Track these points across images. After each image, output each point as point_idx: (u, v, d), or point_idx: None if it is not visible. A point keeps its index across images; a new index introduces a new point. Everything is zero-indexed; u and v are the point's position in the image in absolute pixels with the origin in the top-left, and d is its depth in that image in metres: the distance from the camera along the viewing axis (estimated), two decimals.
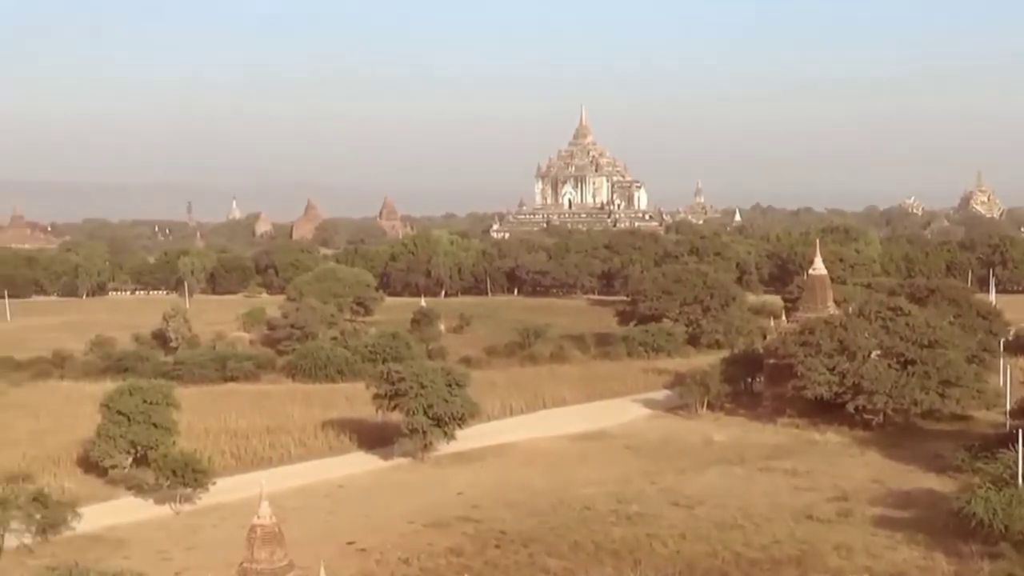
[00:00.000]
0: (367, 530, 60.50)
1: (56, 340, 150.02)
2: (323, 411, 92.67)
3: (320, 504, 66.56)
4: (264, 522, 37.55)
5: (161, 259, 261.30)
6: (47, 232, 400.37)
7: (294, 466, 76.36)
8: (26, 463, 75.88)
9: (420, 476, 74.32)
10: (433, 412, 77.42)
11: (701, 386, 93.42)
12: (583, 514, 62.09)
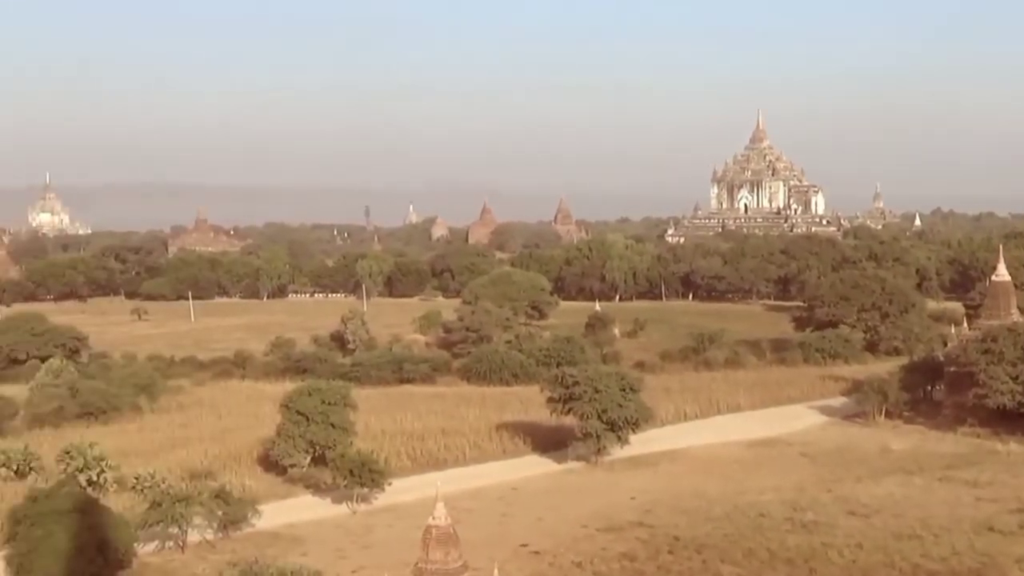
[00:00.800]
0: (540, 533, 60.62)
1: (238, 341, 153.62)
2: (497, 414, 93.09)
3: (494, 506, 66.88)
4: (439, 523, 37.82)
5: (340, 262, 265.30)
6: (230, 235, 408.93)
7: (468, 468, 76.82)
8: (209, 461, 77.63)
9: (593, 480, 74.24)
10: (607, 416, 77.27)
11: (879, 393, 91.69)
12: (757, 521, 61.36)
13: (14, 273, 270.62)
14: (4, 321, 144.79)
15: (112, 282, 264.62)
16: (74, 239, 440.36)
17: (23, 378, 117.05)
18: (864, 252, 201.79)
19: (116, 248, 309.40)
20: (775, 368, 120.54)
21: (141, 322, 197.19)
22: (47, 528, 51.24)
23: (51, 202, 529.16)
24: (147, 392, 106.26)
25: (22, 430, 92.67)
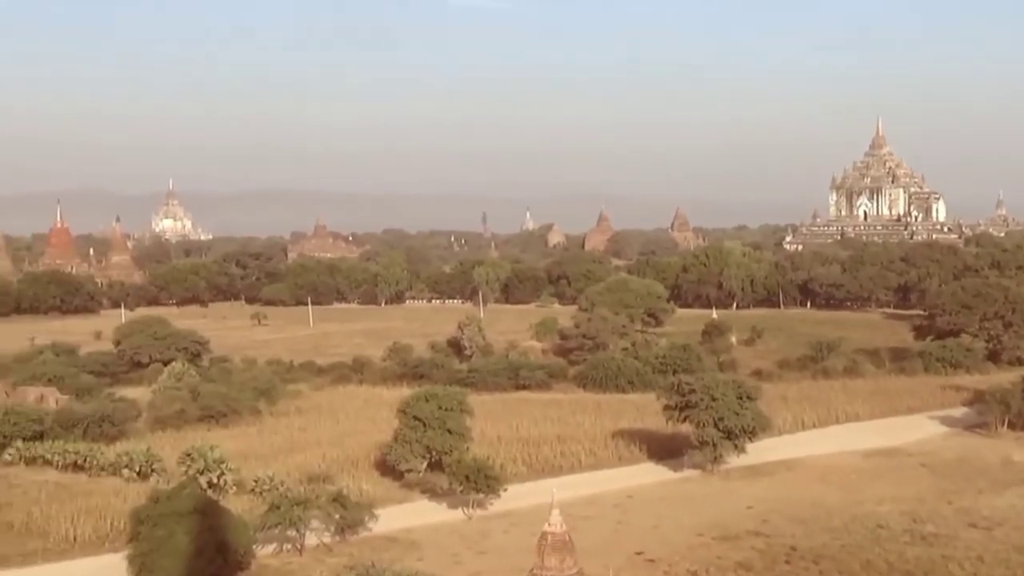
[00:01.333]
0: (656, 541, 60.34)
1: (356, 346, 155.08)
2: (613, 421, 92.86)
3: (609, 514, 66.69)
4: (555, 529, 37.83)
5: (457, 269, 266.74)
6: (348, 241, 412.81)
7: (584, 475, 76.68)
8: (326, 464, 78.34)
9: (710, 489, 73.76)
10: (724, 425, 76.74)
11: (1001, 404, 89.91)
12: (876, 532, 60.51)
13: (138, 278, 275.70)
14: (128, 325, 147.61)
15: (233, 287, 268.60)
16: (196, 245, 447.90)
17: (146, 381, 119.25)
18: (986, 260, 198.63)
19: (237, 254, 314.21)
20: (894, 377, 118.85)
21: (261, 327, 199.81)
22: (168, 528, 52.06)
23: (174, 208, 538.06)
24: (266, 396, 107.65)
25: (145, 432, 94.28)
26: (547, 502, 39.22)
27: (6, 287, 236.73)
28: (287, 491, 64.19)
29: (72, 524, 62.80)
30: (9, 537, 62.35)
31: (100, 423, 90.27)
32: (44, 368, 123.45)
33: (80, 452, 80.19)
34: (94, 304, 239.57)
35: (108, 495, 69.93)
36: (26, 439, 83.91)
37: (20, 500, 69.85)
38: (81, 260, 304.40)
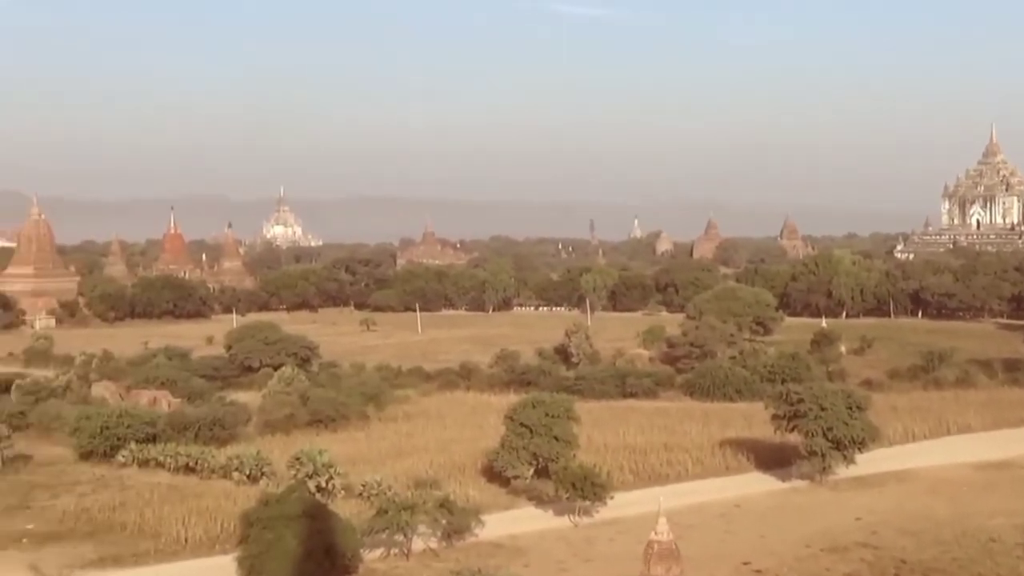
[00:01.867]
0: (762, 552, 59.89)
1: (463, 353, 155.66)
2: (720, 430, 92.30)
3: (715, 523, 66.31)
4: (661, 538, 37.77)
5: (564, 276, 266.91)
6: (456, 248, 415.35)
7: (690, 483, 76.28)
8: (433, 470, 78.64)
9: (818, 499, 73.04)
10: (832, 435, 75.94)
11: None
12: (988, 546, 59.49)
13: (249, 283, 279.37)
14: (239, 330, 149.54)
15: (342, 293, 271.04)
16: (306, 251, 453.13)
17: (256, 385, 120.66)
18: None
19: (346, 260, 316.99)
20: (1008, 388, 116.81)
21: (369, 333, 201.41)
22: (277, 531, 52.65)
23: (285, 215, 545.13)
24: (375, 401, 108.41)
25: (254, 436, 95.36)
26: (653, 510, 39.17)
27: (121, 291, 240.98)
28: (394, 496, 64.58)
29: (183, 525, 63.74)
30: (122, 537, 63.47)
31: (211, 426, 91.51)
32: (157, 371, 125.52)
33: (192, 455, 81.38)
34: (206, 309, 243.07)
35: (219, 497, 70.90)
36: (139, 441, 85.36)
37: (133, 501, 71.07)
38: (194, 265, 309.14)
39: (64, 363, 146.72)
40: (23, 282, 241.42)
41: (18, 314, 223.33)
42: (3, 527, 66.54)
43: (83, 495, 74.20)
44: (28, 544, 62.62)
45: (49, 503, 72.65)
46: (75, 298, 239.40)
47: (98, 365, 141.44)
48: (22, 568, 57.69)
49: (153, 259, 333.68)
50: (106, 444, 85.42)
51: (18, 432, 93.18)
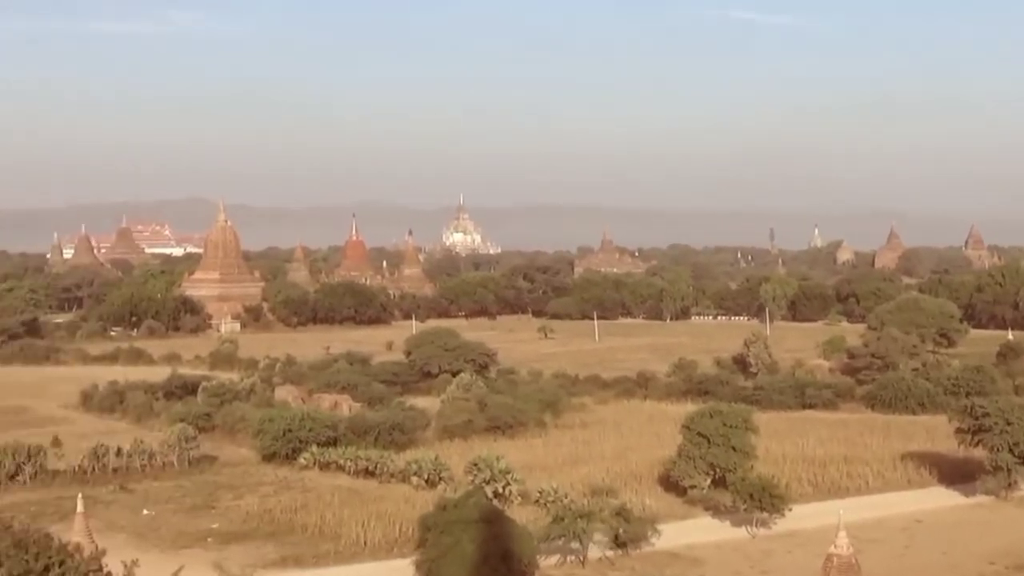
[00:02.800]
0: (945, 568, 58.64)
1: (640, 361, 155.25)
2: (902, 443, 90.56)
3: (896, 538, 65.09)
4: (841, 552, 37.28)
5: (743, 285, 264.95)
6: (634, 257, 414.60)
7: (871, 497, 74.99)
8: (610, 478, 78.58)
9: (1003, 516, 71.20)
10: (1019, 450, 74.00)
11: None
12: None
13: (428, 290, 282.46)
14: (419, 336, 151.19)
15: (520, 300, 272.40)
16: (485, 258, 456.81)
17: (435, 391, 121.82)
18: None
19: (524, 267, 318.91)
20: None
21: (547, 340, 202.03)
22: (455, 536, 53.12)
23: (464, 222, 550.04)
24: (552, 408, 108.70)
25: (433, 441, 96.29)
26: (832, 523, 38.66)
27: (304, 297, 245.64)
28: (571, 503, 64.72)
29: (363, 528, 64.71)
30: (303, 538, 64.69)
31: (391, 431, 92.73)
32: (338, 376, 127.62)
33: (371, 459, 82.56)
34: (386, 315, 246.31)
35: (398, 501, 71.83)
36: (320, 444, 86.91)
37: (314, 503, 72.37)
38: (375, 272, 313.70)
39: (248, 366, 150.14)
40: (209, 287, 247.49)
41: (205, 318, 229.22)
42: (189, 526, 68.35)
43: (266, 496, 75.85)
44: (213, 543, 64.22)
45: (233, 503, 74.41)
46: (259, 303, 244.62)
47: (281, 369, 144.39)
48: (207, 566, 59.16)
49: (335, 265, 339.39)
50: (288, 446, 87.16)
51: (204, 433, 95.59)
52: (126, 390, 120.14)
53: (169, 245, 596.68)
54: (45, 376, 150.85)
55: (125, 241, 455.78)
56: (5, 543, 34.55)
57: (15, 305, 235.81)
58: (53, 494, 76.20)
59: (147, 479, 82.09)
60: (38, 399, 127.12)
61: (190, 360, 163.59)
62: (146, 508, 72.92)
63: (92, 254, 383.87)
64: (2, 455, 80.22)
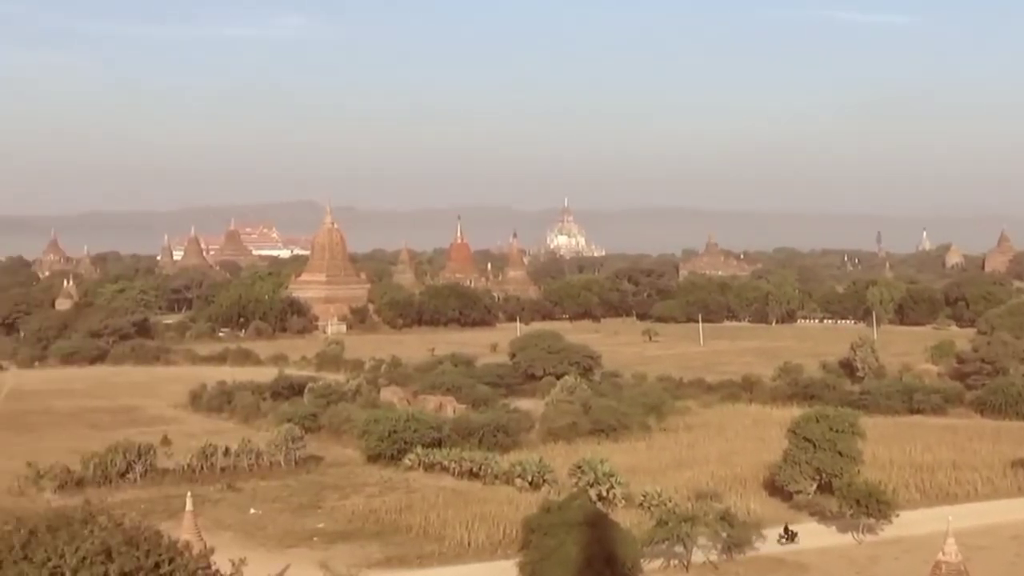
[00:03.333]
0: None
1: (745, 365, 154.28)
2: (1012, 449, 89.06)
3: (1007, 546, 64.13)
4: (950, 559, 36.83)
5: (849, 289, 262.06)
6: (739, 260, 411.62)
7: (980, 504, 73.90)
8: (714, 482, 78.29)
9: None
10: None
11: None
12: None
13: (533, 293, 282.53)
14: (523, 338, 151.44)
15: (624, 303, 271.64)
16: (589, 261, 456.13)
17: (539, 393, 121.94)
18: None
19: (629, 270, 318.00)
20: None
21: (651, 343, 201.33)
22: (559, 538, 53.21)
23: (569, 225, 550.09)
24: (656, 412, 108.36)
25: (537, 443, 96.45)
26: (940, 530, 38.25)
27: (409, 299, 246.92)
28: (675, 507, 64.60)
29: (467, 529, 65.06)
30: (408, 539, 65.15)
31: (495, 433, 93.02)
32: (443, 378, 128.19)
33: (475, 460, 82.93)
34: (491, 317, 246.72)
35: (501, 503, 72.09)
36: (425, 445, 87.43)
37: (419, 504, 72.86)
38: (479, 274, 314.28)
39: (354, 368, 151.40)
40: (316, 289, 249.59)
41: (311, 319, 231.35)
42: (295, 525, 69.13)
43: (371, 496, 76.49)
44: (318, 542, 64.90)
45: (338, 503, 75.12)
46: (365, 305, 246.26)
47: (387, 370, 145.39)
48: (313, 565, 59.81)
49: (440, 268, 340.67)
50: (393, 447, 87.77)
51: (310, 433, 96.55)
52: (234, 390, 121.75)
53: (276, 247, 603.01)
54: (155, 376, 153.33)
55: (233, 243, 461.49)
56: (117, 540, 35.13)
57: (126, 306, 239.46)
58: (163, 492, 77.52)
59: (254, 478, 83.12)
60: (148, 399, 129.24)
61: (297, 361, 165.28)
62: (253, 507, 73.85)
63: (201, 256, 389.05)
64: (113, 454, 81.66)
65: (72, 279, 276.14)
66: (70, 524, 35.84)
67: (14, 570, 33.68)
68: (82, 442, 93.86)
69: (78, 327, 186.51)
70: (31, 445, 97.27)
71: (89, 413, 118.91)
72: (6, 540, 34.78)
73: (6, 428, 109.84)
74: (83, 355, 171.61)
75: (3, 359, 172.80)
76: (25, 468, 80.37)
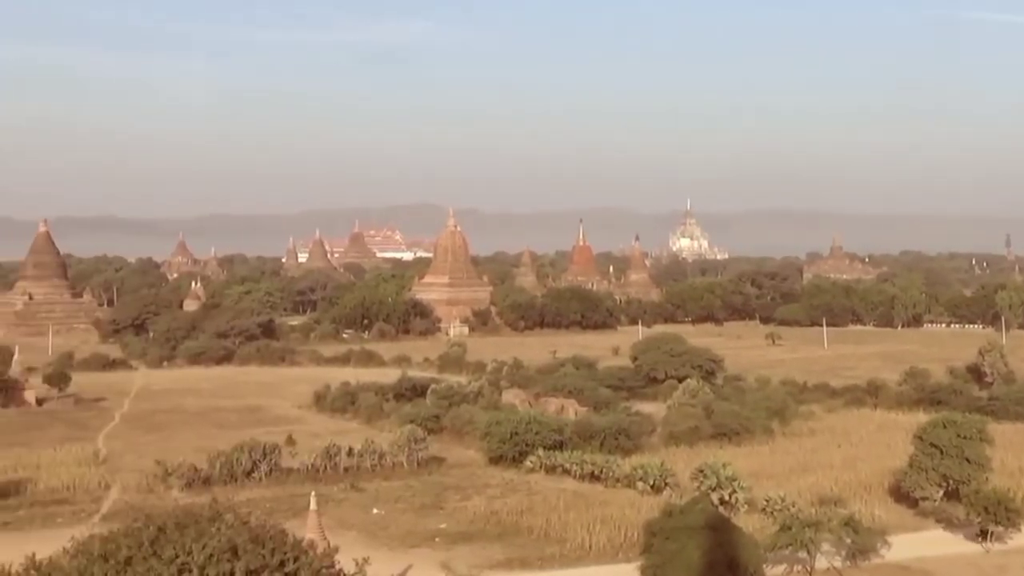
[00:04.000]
0: None
1: (870, 369, 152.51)
2: None
3: None
4: None
5: (978, 292, 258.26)
6: (864, 263, 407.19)
7: None
8: (838, 488, 77.43)
9: None
10: None
11: None
12: None
13: (655, 295, 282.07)
14: (645, 341, 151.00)
15: (747, 306, 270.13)
16: (712, 264, 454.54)
17: (661, 396, 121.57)
18: None
19: (752, 273, 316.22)
20: None
21: (775, 347, 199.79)
22: (680, 542, 52.99)
23: (691, 228, 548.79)
24: (779, 416, 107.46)
25: (659, 446, 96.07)
26: None
27: (531, 301, 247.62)
28: (798, 512, 63.96)
29: (588, 532, 64.97)
30: (529, 541, 65.23)
31: (616, 436, 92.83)
32: (565, 380, 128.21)
33: (597, 463, 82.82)
34: (612, 320, 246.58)
35: (623, 506, 71.90)
36: (547, 448, 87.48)
37: (540, 506, 72.92)
38: (601, 277, 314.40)
39: (476, 369, 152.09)
40: (439, 291, 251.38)
41: (434, 321, 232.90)
42: (417, 525, 69.56)
43: (493, 498, 76.68)
44: (440, 543, 65.24)
45: (460, 504, 75.43)
46: (487, 307, 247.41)
47: (508, 372, 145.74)
48: (434, 566, 60.16)
49: (562, 270, 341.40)
50: (515, 449, 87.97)
51: (433, 435, 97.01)
52: (357, 391, 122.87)
53: (399, 249, 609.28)
54: (280, 376, 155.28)
55: (357, 245, 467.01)
56: (243, 538, 35.60)
57: (252, 307, 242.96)
58: (287, 491, 78.42)
59: (377, 478, 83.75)
60: (273, 399, 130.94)
61: (420, 362, 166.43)
62: (376, 507, 74.44)
63: (326, 258, 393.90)
64: (239, 452, 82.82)
65: (200, 281, 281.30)
66: (197, 522, 36.39)
67: (143, 566, 34.30)
68: (209, 441, 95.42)
69: (205, 328, 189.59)
70: (160, 444, 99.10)
71: (216, 412, 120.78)
72: (136, 536, 35.43)
73: (136, 427, 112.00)
74: (210, 355, 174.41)
75: (133, 359, 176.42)
76: (154, 466, 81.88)
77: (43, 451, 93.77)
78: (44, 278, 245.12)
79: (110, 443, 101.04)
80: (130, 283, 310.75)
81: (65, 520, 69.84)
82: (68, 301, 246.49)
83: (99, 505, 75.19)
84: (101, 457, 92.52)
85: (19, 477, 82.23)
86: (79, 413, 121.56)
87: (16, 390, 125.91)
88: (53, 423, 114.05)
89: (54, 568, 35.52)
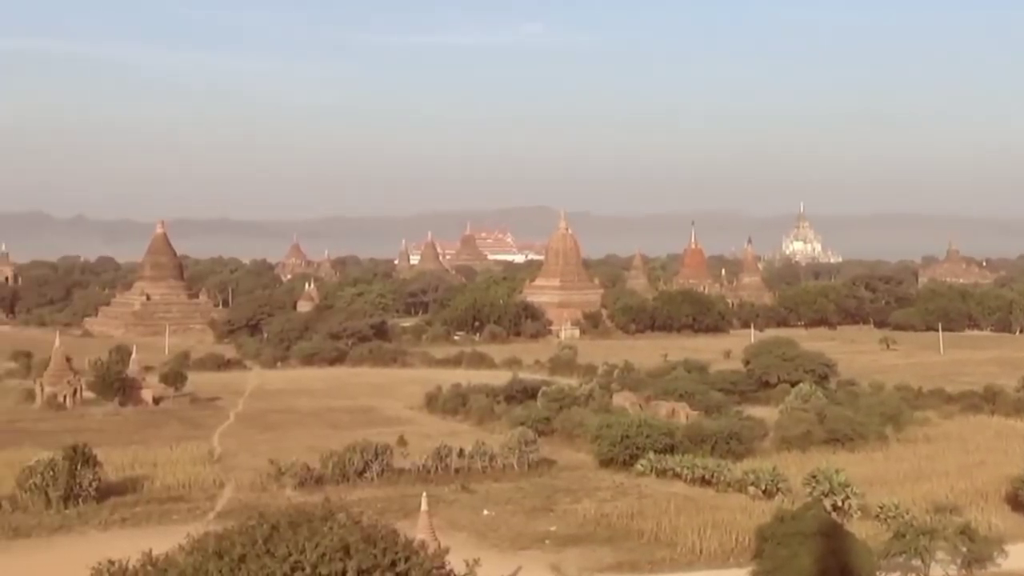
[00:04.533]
0: None
1: (987, 375, 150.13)
2: None
3: None
4: None
5: None
6: (981, 267, 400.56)
7: None
8: (954, 495, 76.34)
9: None
10: None
11: None
12: None
13: (767, 299, 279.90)
14: (757, 345, 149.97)
15: (861, 311, 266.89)
16: (825, 267, 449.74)
17: (773, 401, 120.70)
18: None
19: (866, 277, 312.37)
20: None
21: (889, 352, 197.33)
22: (792, 548, 52.57)
23: (804, 231, 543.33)
24: (893, 422, 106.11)
25: (770, 451, 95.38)
26: None
27: (642, 304, 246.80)
28: (913, 519, 63.19)
29: (698, 536, 64.75)
30: (639, 544, 65.14)
31: (728, 440, 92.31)
32: (676, 383, 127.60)
33: (708, 467, 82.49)
34: (724, 323, 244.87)
35: (734, 511, 71.55)
36: (657, 451, 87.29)
37: (650, 510, 72.78)
38: (713, 280, 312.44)
39: (587, 372, 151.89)
40: (550, 293, 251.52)
41: (545, 324, 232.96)
42: (527, 527, 69.75)
43: (603, 501, 76.69)
44: (550, 545, 65.38)
45: (570, 507, 75.52)
46: (598, 310, 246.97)
47: (619, 375, 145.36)
48: (544, 568, 60.32)
49: (673, 273, 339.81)
50: (625, 453, 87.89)
51: (543, 437, 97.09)
52: (468, 393, 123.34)
53: (511, 252, 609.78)
54: (392, 377, 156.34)
55: (469, 248, 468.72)
56: (355, 537, 35.89)
57: (365, 309, 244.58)
58: (398, 492, 79.00)
59: (487, 480, 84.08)
60: (385, 400, 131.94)
61: (530, 365, 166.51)
62: (486, 508, 74.74)
63: (437, 260, 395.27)
64: (352, 453, 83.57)
65: (313, 282, 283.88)
66: (310, 520, 36.76)
67: (257, 563, 34.74)
68: (321, 441, 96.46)
69: (318, 329, 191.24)
70: (273, 443, 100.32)
71: (328, 413, 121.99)
72: (250, 534, 35.89)
73: (250, 426, 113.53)
74: (323, 356, 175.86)
75: (247, 359, 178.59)
76: (267, 465, 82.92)
77: (160, 449, 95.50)
78: (161, 279, 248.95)
79: (225, 442, 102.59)
80: (245, 284, 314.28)
81: (181, 517, 71.01)
82: (184, 302, 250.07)
83: (214, 503, 76.39)
84: (216, 455, 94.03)
85: (136, 474, 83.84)
86: (195, 412, 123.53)
87: (134, 389, 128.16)
88: (169, 421, 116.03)
89: (170, 564, 36.08)
